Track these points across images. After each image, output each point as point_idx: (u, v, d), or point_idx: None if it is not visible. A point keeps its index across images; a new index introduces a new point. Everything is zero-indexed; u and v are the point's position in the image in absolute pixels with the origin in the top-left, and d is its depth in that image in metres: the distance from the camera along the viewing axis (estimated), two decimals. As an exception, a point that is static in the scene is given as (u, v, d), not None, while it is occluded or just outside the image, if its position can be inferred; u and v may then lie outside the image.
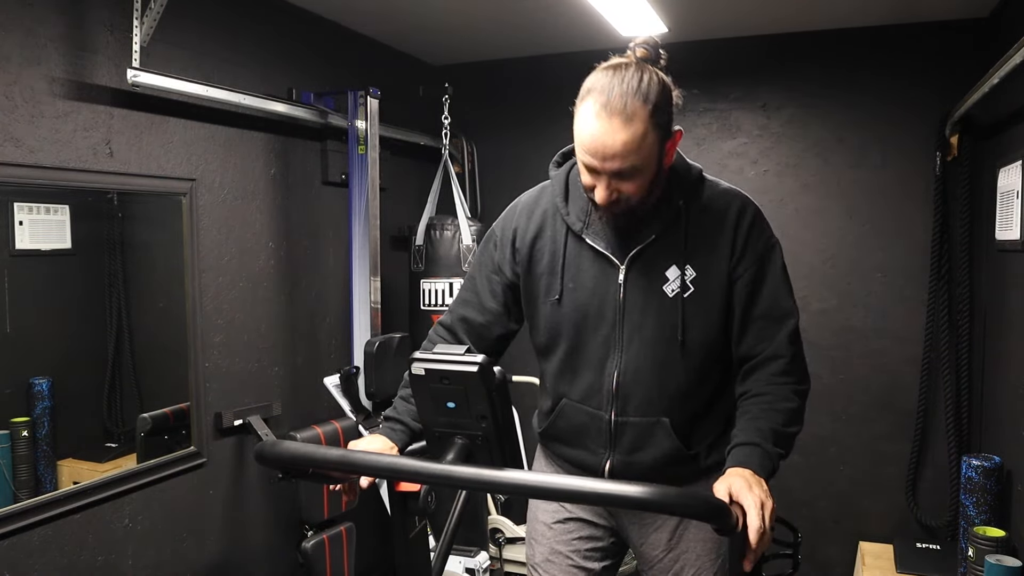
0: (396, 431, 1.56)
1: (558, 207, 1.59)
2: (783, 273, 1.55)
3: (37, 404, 2.17)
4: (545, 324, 1.59)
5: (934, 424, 3.27)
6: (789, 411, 1.44)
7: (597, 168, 1.39)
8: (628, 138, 1.35)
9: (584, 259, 1.55)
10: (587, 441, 1.60)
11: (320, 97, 3.03)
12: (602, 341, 1.54)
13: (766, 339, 1.50)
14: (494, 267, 1.65)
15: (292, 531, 2.94)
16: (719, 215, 1.53)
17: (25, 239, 2.10)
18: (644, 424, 1.55)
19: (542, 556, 1.72)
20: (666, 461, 1.57)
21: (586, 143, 1.38)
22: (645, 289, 1.51)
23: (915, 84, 3.26)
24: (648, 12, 2.97)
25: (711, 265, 1.50)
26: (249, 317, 2.77)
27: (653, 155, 1.40)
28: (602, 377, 1.55)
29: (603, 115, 1.35)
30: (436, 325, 1.72)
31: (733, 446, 1.40)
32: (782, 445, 1.41)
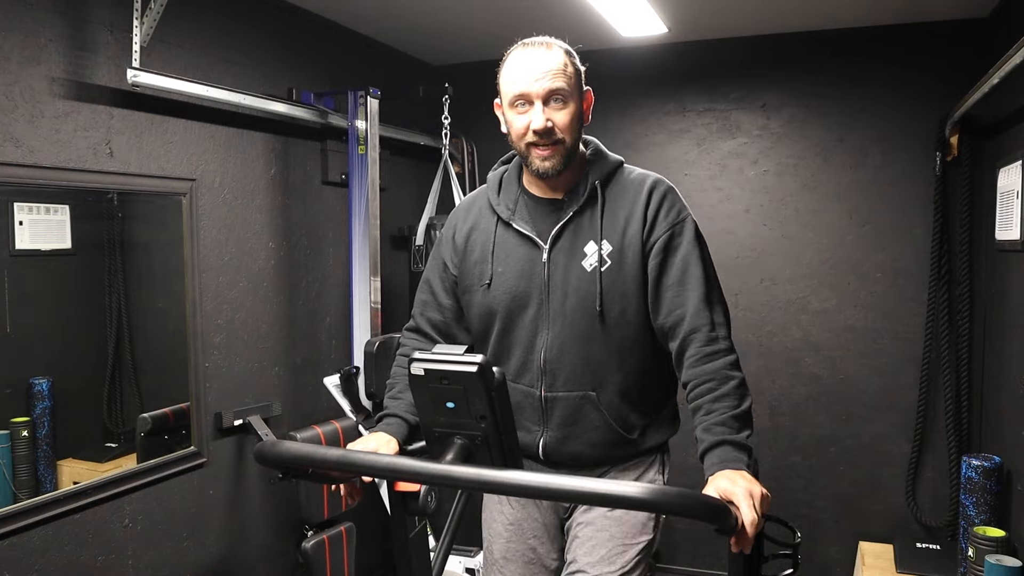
0: (392, 425, 1.59)
1: (490, 200, 1.71)
2: (696, 245, 1.59)
3: (37, 404, 2.17)
4: (478, 310, 1.68)
5: (934, 424, 3.27)
6: (735, 389, 1.47)
7: (530, 93, 1.52)
8: (552, 58, 1.53)
9: (511, 244, 1.65)
10: (523, 419, 1.65)
11: (320, 97, 3.03)
12: (531, 319, 1.63)
13: (678, 306, 1.55)
14: (442, 265, 1.75)
15: (292, 531, 2.94)
16: (633, 193, 1.62)
17: (25, 239, 2.10)
18: (572, 398, 1.62)
19: (500, 553, 1.78)
20: (600, 439, 1.63)
21: (516, 71, 1.54)
22: (566, 266, 1.60)
23: (915, 84, 3.26)
24: (648, 12, 2.98)
25: (626, 239, 1.59)
26: (249, 317, 2.78)
27: (575, 90, 1.55)
28: (532, 355, 1.63)
29: (527, 48, 1.55)
30: (404, 332, 1.79)
31: (704, 451, 1.43)
32: (745, 426, 1.44)
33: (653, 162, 3.64)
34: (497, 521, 1.79)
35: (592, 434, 1.63)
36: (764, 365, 3.52)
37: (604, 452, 1.65)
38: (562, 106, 1.53)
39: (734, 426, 1.43)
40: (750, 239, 3.53)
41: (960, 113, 2.95)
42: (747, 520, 1.21)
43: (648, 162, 3.65)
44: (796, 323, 3.48)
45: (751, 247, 3.53)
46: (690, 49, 3.56)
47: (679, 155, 3.62)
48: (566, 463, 1.67)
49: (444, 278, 1.74)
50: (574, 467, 1.67)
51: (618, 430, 1.63)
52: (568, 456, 1.65)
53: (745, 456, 1.39)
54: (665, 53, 3.57)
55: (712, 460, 1.40)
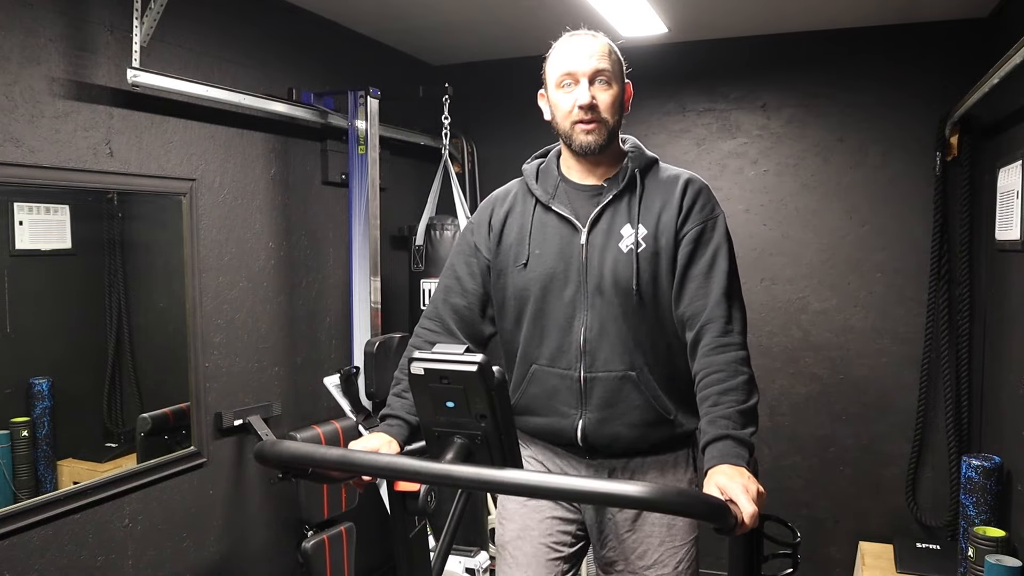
0: (394, 427, 1.59)
1: (528, 186, 1.73)
2: (725, 241, 1.64)
3: (37, 404, 2.17)
4: (513, 291, 1.69)
5: (934, 424, 3.27)
6: (743, 384, 1.49)
7: (577, 72, 1.60)
8: (598, 44, 1.63)
9: (549, 226, 1.67)
10: (558, 404, 1.66)
11: (320, 97, 3.03)
12: (568, 301, 1.64)
13: (700, 298, 1.58)
14: (472, 250, 1.75)
15: (292, 531, 2.94)
16: (669, 184, 1.68)
17: (25, 239, 2.10)
18: (612, 379, 1.62)
19: (513, 534, 1.76)
20: (639, 420, 1.63)
21: (564, 53, 1.63)
22: (603, 248, 1.63)
23: (915, 84, 3.26)
24: (648, 12, 2.98)
25: (660, 225, 1.63)
26: (249, 317, 2.78)
27: (619, 75, 1.64)
28: (569, 336, 1.64)
29: (575, 36, 1.65)
30: (422, 319, 1.76)
31: (706, 443, 1.44)
32: (749, 422, 1.45)
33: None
34: (513, 500, 1.78)
35: (632, 415, 1.64)
36: (764, 365, 3.51)
37: (642, 434, 1.65)
38: (607, 87, 1.60)
39: (739, 421, 1.43)
40: (750, 239, 3.53)
41: (960, 113, 2.95)
42: (746, 513, 1.22)
43: (648, 162, 3.65)
44: (796, 323, 3.48)
45: (751, 247, 3.53)
46: (690, 49, 3.56)
47: (679, 155, 3.62)
48: (604, 447, 1.66)
49: (472, 262, 1.74)
50: (612, 453, 1.67)
51: (657, 409, 1.64)
52: (607, 438, 1.65)
53: (746, 453, 1.40)
54: (665, 53, 3.57)
55: (713, 453, 1.40)
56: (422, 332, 1.73)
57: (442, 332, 1.71)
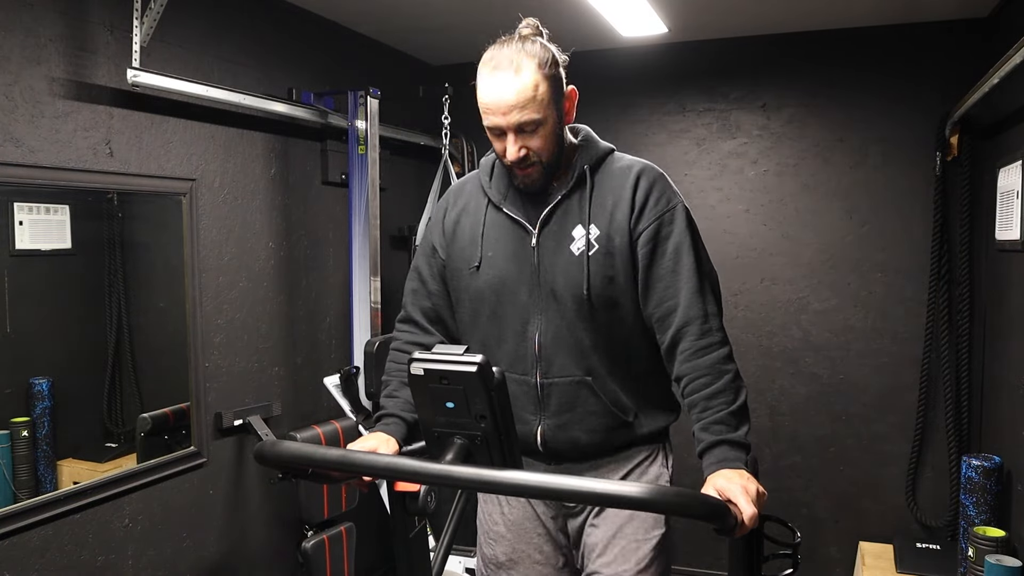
0: (391, 425, 1.58)
1: (482, 184, 1.68)
2: (687, 232, 1.57)
3: (37, 404, 2.17)
4: (466, 294, 1.66)
5: (934, 424, 3.27)
6: (729, 384, 1.47)
7: (501, 125, 1.50)
8: (520, 87, 1.47)
9: (502, 228, 1.63)
10: (518, 410, 1.62)
11: (320, 97, 3.03)
12: (522, 306, 1.61)
13: (670, 297, 1.54)
14: (431, 250, 1.73)
15: (292, 531, 2.94)
16: (621, 179, 1.61)
17: (25, 239, 2.10)
18: (568, 384, 1.60)
19: (505, 556, 1.74)
20: (598, 425, 1.61)
21: (486, 103, 1.50)
22: (555, 250, 1.59)
23: (915, 84, 3.26)
24: (648, 12, 2.98)
25: (613, 224, 1.57)
26: (249, 317, 2.78)
27: (549, 106, 1.50)
28: (525, 342, 1.61)
29: (495, 74, 1.49)
30: (397, 324, 1.77)
31: (702, 450, 1.43)
32: (742, 421, 1.44)
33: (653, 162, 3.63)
34: (499, 523, 1.76)
35: (590, 420, 1.61)
36: (764, 365, 3.51)
37: (603, 438, 1.63)
38: (535, 131, 1.51)
39: (732, 423, 1.43)
40: (750, 239, 3.53)
41: (960, 113, 2.95)
42: (746, 514, 1.21)
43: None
44: (796, 323, 3.48)
45: (751, 247, 3.53)
46: (690, 49, 3.56)
47: (679, 155, 3.62)
48: (565, 452, 1.64)
49: (433, 263, 1.72)
50: (573, 458, 1.65)
51: (616, 413, 1.61)
52: (566, 443, 1.63)
53: (743, 454, 1.39)
54: (665, 53, 3.57)
55: (710, 460, 1.40)
56: (400, 335, 1.73)
57: (419, 332, 1.71)
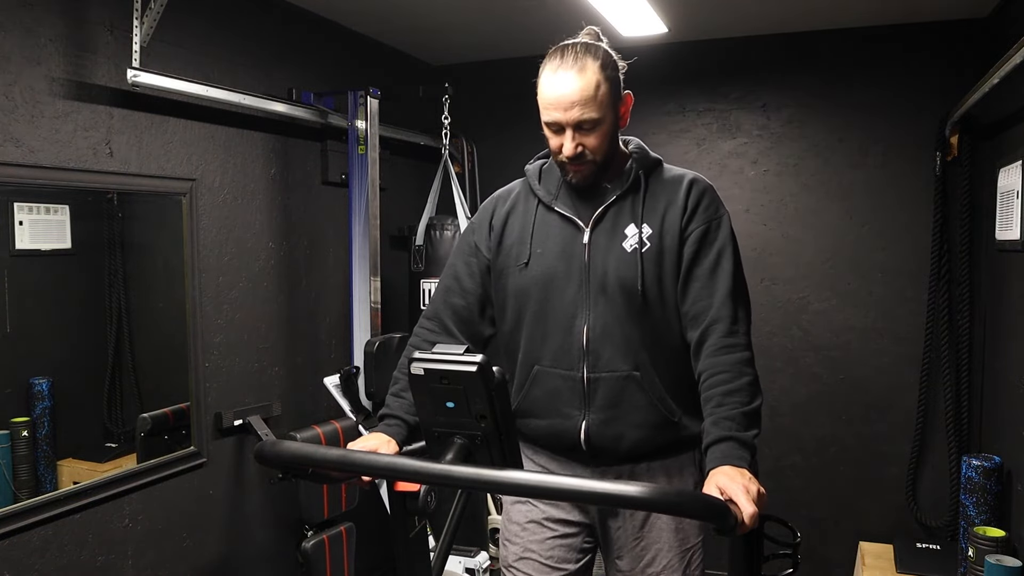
0: (393, 427, 1.58)
1: (531, 187, 1.72)
2: (730, 241, 1.63)
3: (37, 404, 2.17)
4: (513, 291, 1.68)
5: (934, 424, 3.27)
6: (748, 386, 1.49)
7: (561, 121, 1.55)
8: (583, 85, 1.52)
9: (552, 226, 1.66)
10: (560, 406, 1.64)
11: (320, 97, 3.03)
12: (570, 300, 1.63)
13: (704, 297, 1.58)
14: (472, 250, 1.74)
15: (292, 531, 2.94)
16: (674, 184, 1.67)
17: (25, 239, 2.10)
18: (615, 379, 1.61)
19: (515, 556, 1.75)
20: (643, 421, 1.62)
21: (548, 98, 1.55)
22: (606, 247, 1.62)
23: (915, 84, 3.26)
24: (648, 12, 2.98)
25: (665, 223, 1.62)
26: (249, 317, 2.78)
27: (608, 107, 1.56)
28: (571, 336, 1.62)
29: (559, 71, 1.54)
30: (421, 319, 1.76)
31: (709, 443, 1.43)
32: (752, 424, 1.45)
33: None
34: (515, 521, 1.76)
35: (636, 415, 1.62)
36: (764, 365, 3.49)
37: (647, 435, 1.63)
38: (593, 129, 1.55)
39: (743, 423, 1.43)
40: (750, 239, 3.53)
41: (960, 113, 2.95)
42: (746, 513, 1.22)
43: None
44: (796, 323, 3.48)
45: (751, 247, 3.53)
46: (690, 49, 3.56)
47: (679, 155, 3.62)
48: (607, 450, 1.64)
49: (472, 262, 1.73)
50: (616, 457, 1.65)
51: (661, 411, 1.62)
52: (610, 439, 1.62)
53: (748, 455, 1.39)
54: (665, 53, 3.57)
55: (715, 454, 1.40)
56: (421, 332, 1.73)
57: (441, 332, 1.71)
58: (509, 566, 1.77)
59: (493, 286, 1.72)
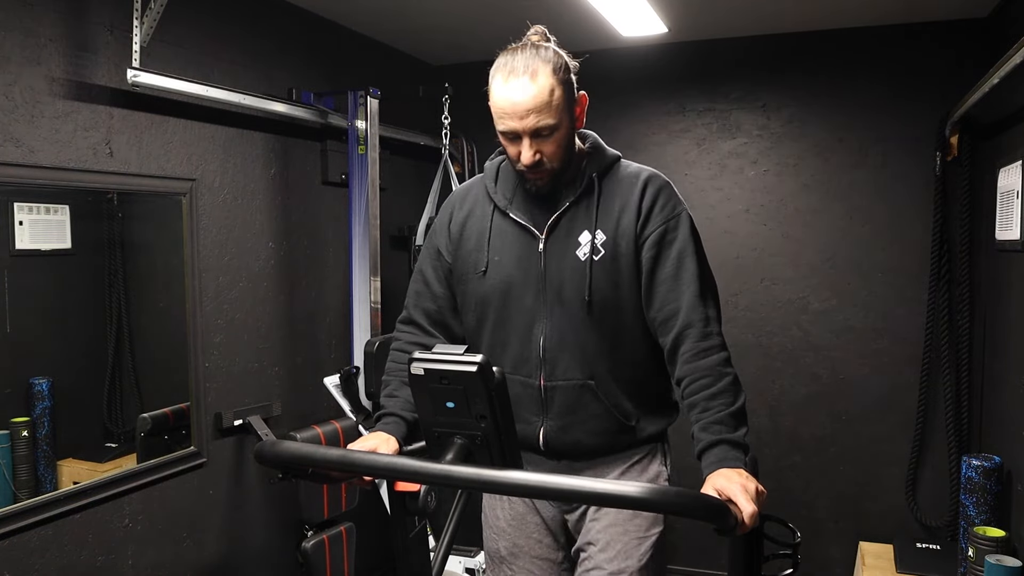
0: (391, 424, 1.59)
1: (487, 189, 1.71)
2: (691, 239, 1.60)
3: (37, 404, 2.17)
4: (473, 298, 1.68)
5: (934, 424, 3.27)
6: (729, 386, 1.49)
7: (517, 129, 1.52)
8: (536, 91, 1.49)
9: (508, 233, 1.66)
10: (521, 411, 1.65)
11: (320, 97, 3.03)
12: (527, 309, 1.63)
13: (672, 300, 1.56)
14: (435, 254, 1.75)
15: (292, 531, 2.94)
16: (628, 186, 1.64)
17: (25, 239, 2.10)
18: (571, 387, 1.62)
19: (507, 550, 1.78)
20: (600, 428, 1.64)
21: (502, 107, 1.52)
22: (561, 256, 1.61)
23: (915, 84, 3.26)
24: (648, 12, 2.98)
25: (619, 229, 1.60)
26: (249, 317, 2.78)
27: (563, 111, 1.52)
28: (529, 345, 1.63)
29: (511, 79, 1.51)
30: (398, 324, 1.78)
31: (701, 450, 1.44)
32: (741, 423, 1.46)
33: (653, 162, 3.59)
34: (500, 518, 1.79)
35: (592, 423, 1.64)
36: (764, 365, 3.51)
37: (604, 441, 1.66)
38: (550, 135, 1.53)
39: (731, 424, 1.44)
40: (750, 239, 3.53)
41: (960, 113, 2.95)
42: (746, 513, 1.22)
43: (648, 162, 3.61)
44: (796, 323, 3.48)
45: (751, 247, 3.53)
46: (690, 49, 3.56)
47: (679, 155, 3.62)
48: (567, 453, 1.67)
49: (438, 266, 1.74)
50: (575, 457, 1.68)
51: (618, 418, 1.64)
52: (568, 445, 1.66)
53: (742, 454, 1.40)
54: (665, 53, 3.57)
55: (710, 459, 1.41)
56: (401, 336, 1.75)
57: (420, 334, 1.73)
58: (502, 559, 1.79)
59: (456, 289, 1.73)
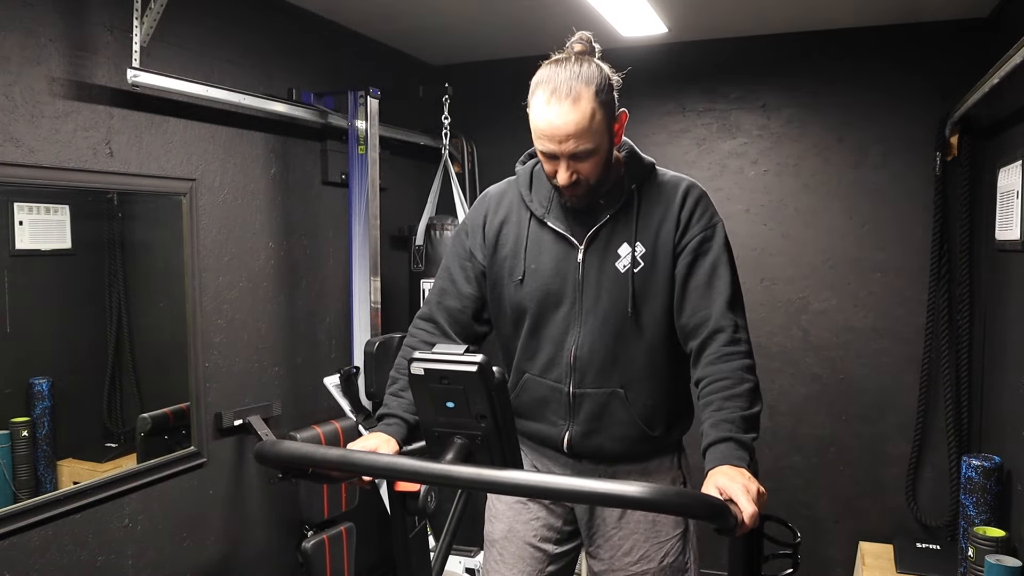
0: (392, 425, 1.59)
1: (523, 196, 1.70)
2: (725, 250, 1.63)
3: (37, 404, 2.17)
4: (509, 304, 1.68)
5: (934, 424, 3.27)
6: (748, 392, 1.49)
7: (555, 152, 1.52)
8: (578, 118, 1.47)
9: (545, 241, 1.66)
10: (548, 413, 1.68)
11: (320, 97, 3.03)
12: (562, 317, 1.64)
13: (703, 307, 1.57)
14: (467, 254, 1.74)
15: (292, 531, 2.94)
16: (667, 196, 1.64)
17: (25, 239, 2.10)
18: (600, 395, 1.64)
19: (500, 533, 1.79)
20: (624, 435, 1.66)
21: (542, 129, 1.51)
22: (600, 267, 1.62)
23: (915, 84, 3.26)
24: (648, 12, 2.98)
25: (659, 241, 1.61)
26: (249, 317, 2.78)
27: (603, 133, 1.52)
28: (561, 352, 1.65)
29: (553, 101, 1.48)
30: (416, 319, 1.77)
31: (708, 445, 1.44)
32: (752, 428, 1.46)
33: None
34: (502, 500, 1.81)
35: (617, 429, 1.66)
36: (764, 365, 3.51)
37: (626, 447, 1.67)
38: (588, 157, 1.52)
39: (742, 426, 1.44)
40: (750, 239, 3.53)
41: (960, 113, 2.95)
42: (746, 513, 1.22)
43: (648, 162, 3.65)
44: (796, 323, 3.48)
45: (751, 247, 3.53)
46: (690, 49, 3.56)
47: (679, 155, 3.62)
48: (589, 455, 1.69)
49: (468, 267, 1.73)
50: (596, 460, 1.70)
51: (642, 427, 1.66)
52: (591, 449, 1.68)
53: (747, 456, 1.40)
54: (665, 53, 3.57)
55: (714, 455, 1.41)
56: (417, 332, 1.74)
57: (437, 334, 1.72)
58: (494, 541, 1.80)
59: (488, 292, 1.73)
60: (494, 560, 1.80)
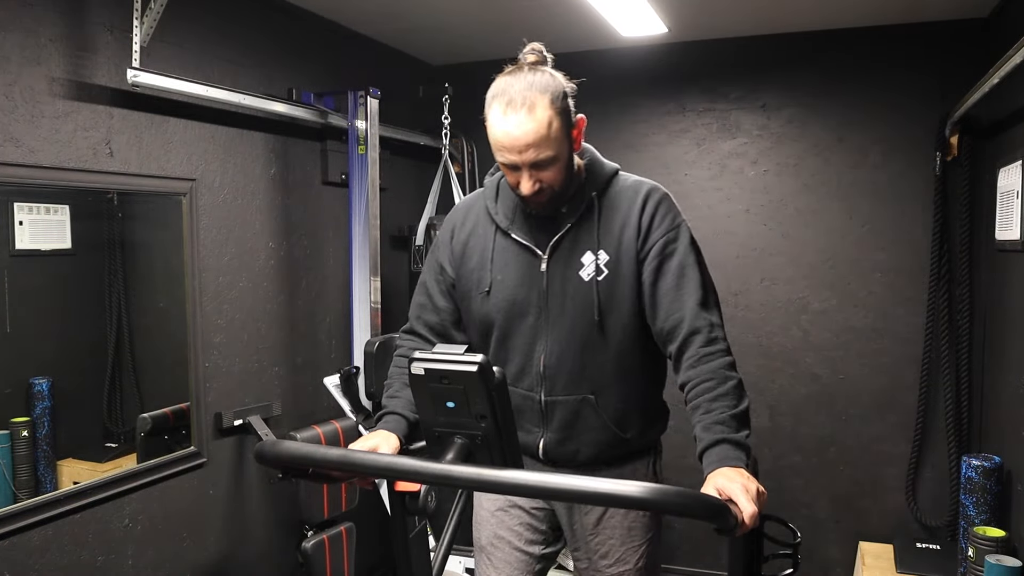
0: (391, 422, 1.61)
1: (488, 208, 1.72)
2: (691, 250, 1.62)
3: (37, 404, 2.17)
4: (477, 316, 1.71)
5: (934, 424, 3.27)
6: (733, 389, 1.50)
7: (516, 162, 1.53)
8: (536, 127, 1.48)
9: (510, 253, 1.68)
10: (522, 421, 1.69)
11: (320, 97, 3.03)
12: (530, 327, 1.66)
13: (676, 311, 1.57)
14: (439, 268, 1.78)
15: (292, 531, 2.94)
16: (627, 202, 1.65)
17: (25, 239, 2.10)
18: (571, 402, 1.67)
19: (487, 540, 1.83)
20: (597, 439, 1.69)
21: (501, 141, 1.52)
22: (564, 276, 1.64)
23: (915, 84, 3.26)
24: (648, 12, 2.98)
25: (621, 248, 1.62)
26: (249, 317, 2.78)
27: (562, 140, 1.53)
28: (531, 361, 1.67)
29: (510, 112, 1.49)
30: (400, 334, 1.81)
31: (703, 449, 1.44)
32: (743, 425, 1.47)
33: (653, 162, 3.64)
34: (485, 507, 1.83)
35: (590, 435, 1.69)
36: (764, 365, 3.51)
37: (600, 452, 1.70)
38: (549, 165, 1.53)
39: (733, 425, 1.44)
40: (750, 239, 3.53)
41: (960, 113, 2.95)
42: (746, 513, 1.22)
43: (648, 162, 3.65)
44: (796, 323, 3.48)
45: (751, 247, 3.53)
46: (690, 49, 3.56)
47: (679, 155, 3.62)
48: (564, 461, 1.72)
49: (441, 280, 1.77)
50: (571, 465, 1.72)
51: (615, 431, 1.68)
52: (566, 455, 1.71)
53: (743, 455, 1.40)
54: (665, 53, 3.57)
55: (711, 458, 1.41)
56: (403, 344, 1.79)
57: (422, 343, 1.75)
58: (482, 548, 1.84)
59: (459, 305, 1.75)
60: (484, 565, 1.83)
